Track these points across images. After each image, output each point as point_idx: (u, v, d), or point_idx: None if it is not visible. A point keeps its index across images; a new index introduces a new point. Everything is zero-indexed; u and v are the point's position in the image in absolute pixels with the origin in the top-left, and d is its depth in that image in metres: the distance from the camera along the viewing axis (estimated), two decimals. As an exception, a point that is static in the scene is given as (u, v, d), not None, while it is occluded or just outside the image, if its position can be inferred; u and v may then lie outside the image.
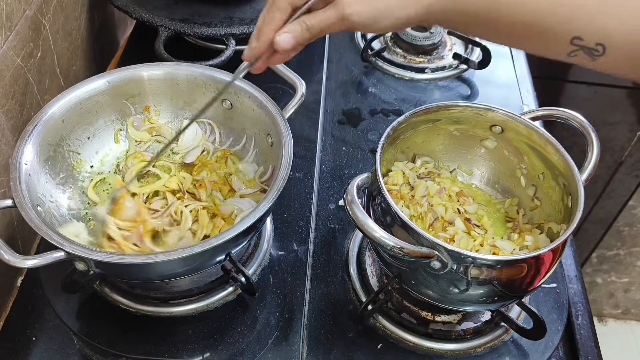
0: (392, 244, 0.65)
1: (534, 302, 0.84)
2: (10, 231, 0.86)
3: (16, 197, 0.69)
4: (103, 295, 0.81)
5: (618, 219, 1.93)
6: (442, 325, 0.81)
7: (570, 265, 0.92)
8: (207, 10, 1.10)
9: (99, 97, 0.85)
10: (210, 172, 0.86)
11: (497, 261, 0.66)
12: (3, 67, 0.79)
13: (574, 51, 0.57)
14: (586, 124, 0.79)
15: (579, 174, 0.74)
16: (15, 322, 0.80)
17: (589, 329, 0.85)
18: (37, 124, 0.77)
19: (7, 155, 0.83)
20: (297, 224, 0.92)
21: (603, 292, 2.22)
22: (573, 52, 0.57)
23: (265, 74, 0.86)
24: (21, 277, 0.87)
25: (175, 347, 0.77)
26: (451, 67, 1.22)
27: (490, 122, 0.84)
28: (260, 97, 0.83)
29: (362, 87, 1.19)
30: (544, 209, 0.83)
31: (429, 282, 0.71)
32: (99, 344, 0.77)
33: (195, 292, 0.81)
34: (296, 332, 0.80)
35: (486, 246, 0.78)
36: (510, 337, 0.81)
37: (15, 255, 0.63)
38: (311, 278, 0.86)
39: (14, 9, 0.80)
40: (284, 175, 0.73)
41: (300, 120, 1.07)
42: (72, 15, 1.03)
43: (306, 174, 0.99)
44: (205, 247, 0.66)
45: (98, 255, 0.65)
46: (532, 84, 1.22)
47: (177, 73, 0.88)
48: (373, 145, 1.06)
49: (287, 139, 0.78)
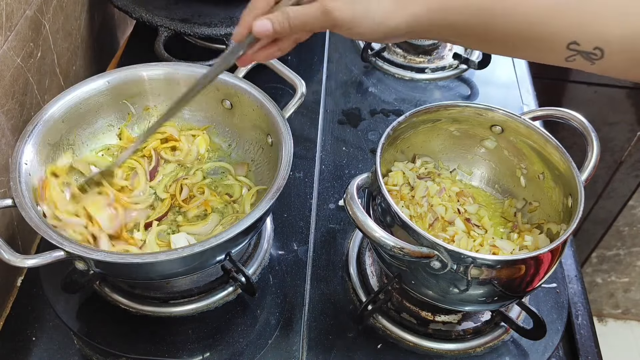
0: (392, 244, 0.65)
1: (534, 302, 0.84)
2: (10, 231, 0.86)
3: (16, 197, 0.69)
4: (103, 295, 0.81)
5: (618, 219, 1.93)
6: (442, 325, 0.81)
7: (570, 265, 0.92)
8: (207, 10, 1.10)
9: (99, 97, 0.85)
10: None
11: (497, 261, 0.66)
12: (3, 67, 0.79)
13: (572, 56, 0.56)
14: (586, 124, 0.79)
15: (579, 174, 0.74)
16: (15, 322, 0.80)
17: (589, 329, 0.85)
18: (37, 124, 0.77)
19: (7, 155, 0.83)
20: (297, 224, 0.92)
21: (603, 292, 2.22)
22: (571, 57, 0.56)
23: (265, 74, 0.87)
24: (21, 277, 0.87)
25: (175, 347, 0.77)
26: (451, 67, 1.22)
27: (490, 122, 0.84)
28: (260, 97, 0.83)
29: (362, 87, 1.19)
30: (544, 209, 0.83)
31: (429, 282, 0.71)
32: (99, 344, 0.77)
33: (195, 292, 0.81)
34: (296, 332, 0.80)
35: (486, 246, 0.78)
36: (510, 337, 0.81)
37: (15, 255, 0.63)
38: (311, 278, 0.86)
39: (14, 9, 0.80)
40: (284, 175, 0.73)
41: (300, 120, 1.07)
42: (72, 15, 1.03)
43: (306, 174, 0.99)
44: (205, 246, 0.66)
45: (98, 254, 0.65)
46: (532, 84, 1.22)
47: (177, 73, 0.88)
48: (373, 145, 1.06)
49: (287, 139, 0.78)
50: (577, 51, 0.55)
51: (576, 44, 0.55)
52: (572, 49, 0.55)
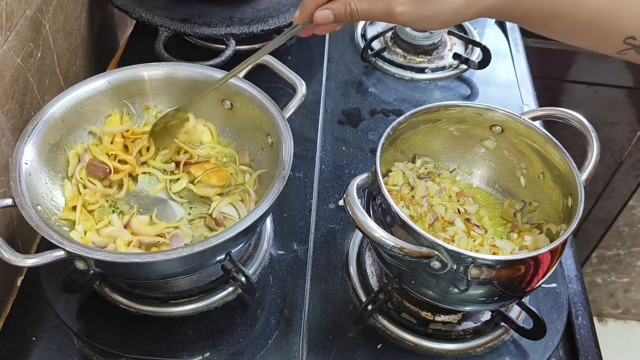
0: (392, 244, 0.65)
1: (534, 302, 0.84)
2: (11, 231, 0.86)
3: (16, 197, 0.69)
4: (103, 295, 0.81)
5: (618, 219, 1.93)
6: (442, 325, 0.81)
7: (570, 265, 0.92)
8: (207, 10, 1.10)
9: (99, 97, 0.85)
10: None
11: (497, 261, 0.66)
12: (3, 67, 0.79)
13: (626, 49, 0.57)
14: (586, 124, 0.79)
15: (579, 174, 0.74)
16: (15, 322, 0.80)
17: (589, 329, 0.85)
18: (37, 124, 0.77)
19: (7, 155, 0.83)
20: (297, 224, 0.92)
21: (603, 292, 2.22)
22: (624, 50, 0.58)
23: (265, 74, 0.87)
24: (21, 277, 0.87)
25: (175, 347, 0.77)
26: (451, 67, 1.22)
27: (490, 122, 0.84)
28: (260, 97, 0.83)
29: (362, 87, 1.19)
30: (543, 209, 0.83)
31: (429, 282, 0.71)
32: (99, 344, 0.77)
33: (195, 292, 0.81)
34: (296, 332, 0.80)
35: (486, 246, 0.78)
36: (510, 337, 0.81)
37: (15, 254, 0.63)
38: (311, 278, 0.86)
39: (14, 9, 0.80)
40: (284, 176, 0.73)
41: (300, 120, 1.07)
42: (72, 15, 1.03)
43: (306, 174, 0.99)
44: (205, 246, 0.66)
45: (98, 254, 0.65)
46: (532, 84, 1.22)
47: (177, 73, 0.88)
48: (373, 145, 1.06)
49: (287, 139, 0.78)
50: (632, 45, 0.57)
51: (633, 39, 0.56)
52: (628, 43, 0.57)
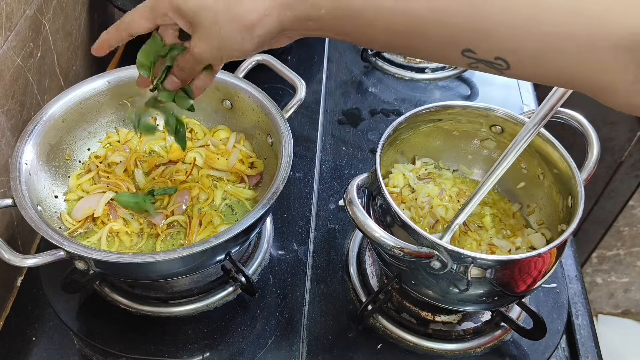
0: (392, 244, 0.65)
1: (534, 302, 0.84)
2: (10, 231, 0.86)
3: (16, 197, 0.69)
4: (103, 295, 0.81)
5: (618, 219, 1.93)
6: (442, 325, 0.81)
7: (570, 265, 0.92)
8: (207, 10, 1.10)
9: (99, 97, 0.85)
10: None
11: (497, 261, 0.66)
12: (3, 67, 0.79)
13: (472, 63, 0.50)
14: (586, 124, 0.79)
15: (579, 174, 0.74)
16: (15, 322, 0.80)
17: (589, 329, 0.85)
18: (37, 124, 0.77)
19: (7, 155, 0.83)
20: (297, 224, 0.92)
21: (603, 292, 2.22)
22: (472, 64, 0.50)
23: (265, 74, 0.87)
24: (21, 277, 0.87)
25: (175, 347, 0.77)
26: (451, 67, 1.22)
27: (490, 122, 0.84)
28: (260, 97, 0.83)
29: (362, 87, 1.19)
30: (543, 209, 0.83)
31: (429, 282, 0.71)
32: (99, 344, 0.77)
33: (195, 292, 0.81)
34: (296, 332, 0.80)
35: (485, 246, 0.78)
36: (510, 337, 0.81)
37: (15, 255, 0.63)
38: (311, 278, 0.86)
39: (14, 9, 0.80)
40: (283, 176, 0.73)
41: (300, 120, 1.07)
42: (72, 15, 1.03)
43: (306, 174, 0.99)
44: (205, 246, 0.66)
45: (98, 254, 0.65)
46: (532, 84, 1.21)
47: (177, 73, 0.87)
48: (373, 145, 1.06)
49: (287, 139, 0.78)
50: (474, 59, 0.49)
51: (471, 52, 0.49)
52: (467, 56, 0.50)
